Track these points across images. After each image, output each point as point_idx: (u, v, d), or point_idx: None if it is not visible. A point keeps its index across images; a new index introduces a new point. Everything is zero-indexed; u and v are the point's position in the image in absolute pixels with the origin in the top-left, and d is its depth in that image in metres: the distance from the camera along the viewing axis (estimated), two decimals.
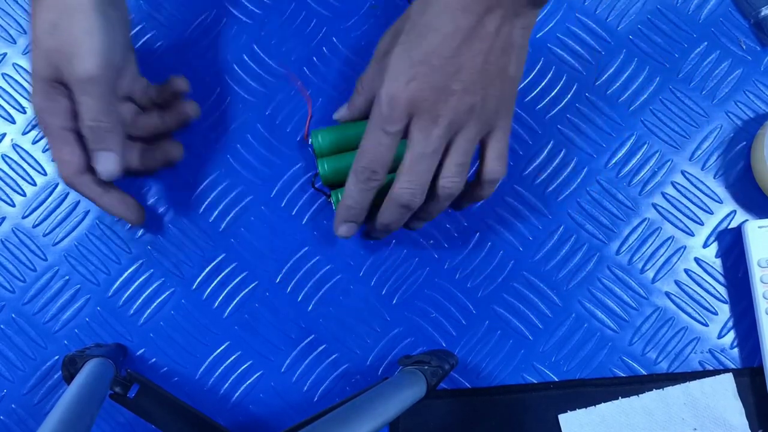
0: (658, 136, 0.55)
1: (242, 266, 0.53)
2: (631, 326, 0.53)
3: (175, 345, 0.52)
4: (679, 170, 0.55)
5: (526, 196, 0.54)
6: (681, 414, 0.51)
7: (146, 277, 0.53)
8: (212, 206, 0.54)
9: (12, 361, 0.52)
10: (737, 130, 0.55)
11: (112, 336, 0.52)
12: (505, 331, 0.53)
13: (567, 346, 0.53)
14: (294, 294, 0.53)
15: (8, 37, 0.56)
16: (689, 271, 0.54)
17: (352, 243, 0.53)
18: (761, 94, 0.56)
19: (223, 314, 0.53)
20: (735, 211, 0.54)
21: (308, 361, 0.52)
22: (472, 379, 0.52)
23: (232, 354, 0.52)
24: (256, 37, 0.56)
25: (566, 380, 0.52)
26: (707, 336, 0.53)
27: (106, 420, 0.51)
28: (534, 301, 0.53)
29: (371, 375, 0.52)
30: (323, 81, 0.55)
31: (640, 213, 0.54)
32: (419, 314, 0.53)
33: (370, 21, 0.56)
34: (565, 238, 0.54)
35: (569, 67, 0.56)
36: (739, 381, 0.52)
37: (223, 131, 0.55)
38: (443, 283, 0.53)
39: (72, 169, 0.45)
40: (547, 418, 0.52)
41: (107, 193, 0.47)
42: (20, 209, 0.54)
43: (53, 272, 0.53)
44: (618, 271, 0.53)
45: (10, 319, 0.53)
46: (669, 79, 0.56)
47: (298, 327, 0.53)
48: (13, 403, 0.52)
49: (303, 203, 0.54)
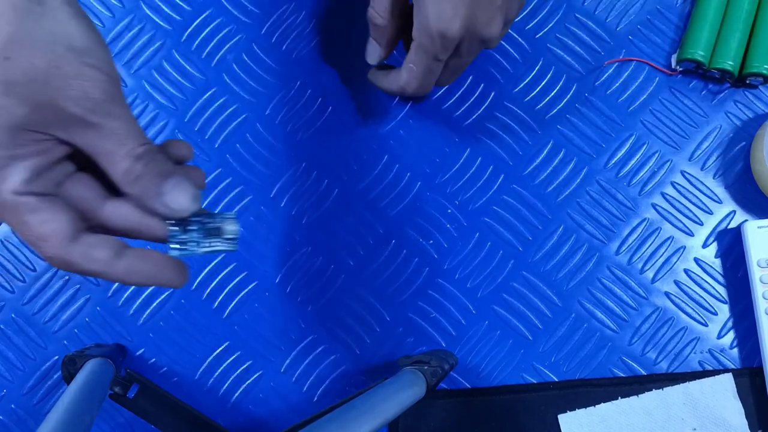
0: (658, 136, 0.55)
1: (242, 266, 0.53)
2: (631, 326, 0.53)
3: (174, 345, 0.52)
4: (679, 170, 0.55)
5: (526, 196, 0.54)
6: (680, 414, 0.51)
7: None
8: (212, 206, 0.54)
9: (12, 361, 0.52)
10: (736, 131, 0.55)
11: (112, 336, 0.52)
12: (504, 331, 0.53)
13: (567, 346, 0.53)
14: (294, 294, 0.53)
15: None
16: (689, 272, 0.54)
17: (352, 243, 0.53)
18: (761, 94, 0.56)
19: (223, 314, 0.53)
20: (734, 212, 0.54)
21: (308, 361, 0.52)
22: (472, 379, 0.52)
23: (232, 354, 0.52)
24: (256, 37, 0.56)
25: (566, 380, 0.52)
26: (707, 336, 0.53)
27: (106, 420, 0.51)
28: (534, 301, 0.53)
29: (371, 375, 0.52)
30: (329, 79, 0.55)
31: (640, 213, 0.54)
32: (419, 314, 0.53)
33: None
34: (564, 238, 0.54)
35: (569, 67, 0.56)
36: (739, 381, 0.52)
37: (223, 131, 0.55)
38: (443, 283, 0.53)
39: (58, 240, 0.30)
40: (547, 418, 0.52)
41: (120, 258, 0.31)
42: None
43: (53, 272, 0.53)
44: (617, 271, 0.53)
45: (10, 319, 0.53)
46: (669, 79, 0.56)
47: (298, 327, 0.53)
48: (12, 404, 0.52)
49: (305, 205, 0.54)
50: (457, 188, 0.54)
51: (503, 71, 0.56)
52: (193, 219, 0.32)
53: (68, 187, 0.31)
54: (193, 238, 0.32)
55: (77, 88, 0.28)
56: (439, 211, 0.54)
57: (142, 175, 0.30)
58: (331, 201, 0.54)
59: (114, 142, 0.29)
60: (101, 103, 0.29)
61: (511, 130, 0.55)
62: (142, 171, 0.30)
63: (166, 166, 0.31)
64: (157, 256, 0.31)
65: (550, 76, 0.56)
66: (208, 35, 0.56)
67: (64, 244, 0.30)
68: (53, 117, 0.28)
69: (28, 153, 0.29)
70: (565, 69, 0.56)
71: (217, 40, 0.56)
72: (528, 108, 0.55)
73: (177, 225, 0.32)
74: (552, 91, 0.56)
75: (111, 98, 0.29)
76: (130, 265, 0.31)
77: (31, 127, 0.28)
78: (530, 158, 0.55)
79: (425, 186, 0.54)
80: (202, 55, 0.56)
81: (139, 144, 0.30)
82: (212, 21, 0.56)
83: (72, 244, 0.30)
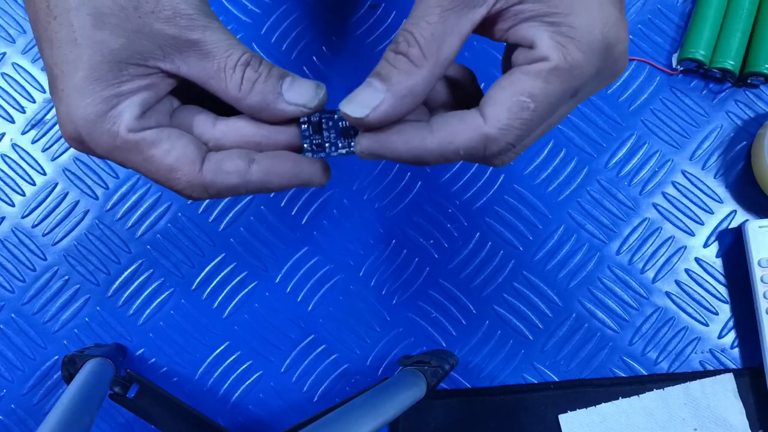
0: (659, 135, 0.55)
1: (242, 266, 0.53)
2: (632, 326, 0.53)
3: (174, 345, 0.52)
4: (680, 170, 0.55)
5: (526, 195, 0.54)
6: (681, 414, 0.51)
7: (146, 277, 0.53)
8: (212, 206, 0.54)
9: (11, 361, 0.52)
10: (737, 130, 0.55)
11: (112, 336, 0.52)
12: (505, 331, 0.53)
13: (567, 346, 0.52)
14: (294, 294, 0.53)
15: (8, 36, 0.56)
16: (690, 271, 0.53)
17: (352, 243, 0.53)
18: (762, 93, 0.55)
19: (223, 314, 0.53)
20: (735, 211, 0.54)
21: (308, 361, 0.52)
22: (472, 379, 0.52)
23: (232, 354, 0.52)
24: (256, 36, 0.56)
25: (566, 380, 0.52)
26: (708, 336, 0.53)
27: (106, 420, 0.51)
28: (534, 301, 0.53)
29: (371, 375, 0.52)
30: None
31: (641, 213, 0.54)
32: (419, 314, 0.53)
33: (369, 20, 0.56)
34: (565, 238, 0.54)
35: None
36: (740, 381, 0.52)
37: None
38: (443, 283, 0.53)
39: (187, 166, 0.28)
40: (548, 418, 0.51)
41: (255, 163, 0.29)
42: (19, 209, 0.54)
43: (53, 272, 0.53)
44: (618, 270, 0.53)
45: (10, 319, 0.52)
46: (669, 78, 0.56)
47: (298, 327, 0.53)
48: (12, 403, 0.52)
49: (303, 203, 0.54)
50: (458, 188, 0.54)
51: None
52: (323, 117, 0.29)
53: (178, 117, 0.30)
54: (329, 139, 0.29)
55: (168, 7, 0.27)
56: (440, 211, 0.54)
57: (259, 80, 0.28)
58: (331, 201, 0.54)
59: (220, 56, 0.28)
60: (195, 18, 0.27)
61: None
62: (257, 76, 0.28)
63: (276, 69, 0.29)
64: (292, 155, 0.29)
65: None
66: None
67: (194, 168, 0.28)
68: (152, 44, 0.27)
69: (135, 88, 0.27)
70: None
71: None
72: None
73: (307, 126, 0.29)
74: None
75: (203, 12, 0.28)
76: (268, 167, 0.29)
77: (132, 60, 0.27)
78: (531, 158, 0.55)
79: (426, 186, 0.54)
80: None
81: (243, 51, 0.28)
82: None
83: (201, 165, 0.28)
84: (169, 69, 0.28)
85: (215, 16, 0.29)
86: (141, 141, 0.27)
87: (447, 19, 0.26)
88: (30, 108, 0.55)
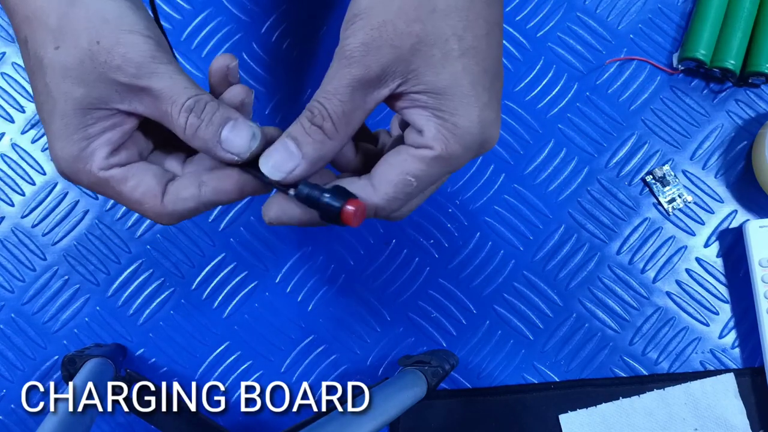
0: (659, 135, 0.55)
1: (242, 266, 0.53)
2: (632, 326, 0.53)
3: (174, 345, 0.52)
4: (680, 169, 0.55)
5: (527, 195, 0.54)
6: (682, 414, 0.51)
7: (146, 276, 0.53)
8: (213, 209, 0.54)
9: (11, 361, 0.52)
10: (738, 130, 0.55)
11: (112, 336, 0.52)
12: (505, 331, 0.53)
13: (568, 346, 0.52)
14: (294, 294, 0.53)
15: (7, 36, 0.56)
16: (690, 271, 0.53)
17: (352, 243, 0.53)
18: (762, 93, 0.55)
19: (223, 314, 0.53)
20: (736, 211, 0.54)
21: (308, 361, 0.52)
22: (473, 379, 0.52)
23: (232, 354, 0.52)
24: (256, 35, 0.56)
25: (567, 380, 0.52)
26: (708, 336, 0.53)
27: (106, 420, 0.51)
28: (535, 300, 0.53)
29: (371, 375, 0.52)
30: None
31: (641, 212, 0.54)
32: (420, 314, 0.53)
33: None
34: (565, 238, 0.54)
35: (570, 66, 0.56)
36: (740, 381, 0.52)
37: None
38: (444, 283, 0.53)
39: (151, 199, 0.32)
40: (548, 418, 0.51)
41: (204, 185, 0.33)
42: (19, 209, 0.54)
43: (52, 272, 0.53)
44: (619, 270, 0.53)
45: (10, 319, 0.52)
46: (670, 78, 0.56)
47: (298, 327, 0.53)
48: (12, 404, 0.52)
49: None
50: (458, 187, 0.54)
51: (504, 70, 0.55)
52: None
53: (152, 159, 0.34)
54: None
55: (118, 57, 0.29)
56: (440, 211, 0.54)
57: (201, 127, 0.31)
58: None
59: (166, 102, 0.30)
60: (144, 65, 0.30)
61: (512, 129, 0.55)
62: (199, 123, 0.31)
63: (220, 112, 0.31)
64: (235, 174, 0.32)
65: (551, 75, 0.56)
66: (208, 34, 0.56)
67: (157, 201, 0.32)
68: (109, 90, 0.30)
69: (101, 129, 0.31)
70: (566, 68, 0.56)
71: (217, 39, 0.56)
72: (529, 107, 0.55)
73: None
74: (553, 90, 0.55)
75: (151, 58, 0.30)
76: (215, 188, 0.32)
77: (94, 105, 0.30)
78: (531, 157, 0.55)
79: None
80: (202, 54, 0.56)
81: (188, 97, 0.31)
82: (212, 20, 0.56)
83: (163, 197, 0.32)
84: (128, 109, 0.31)
85: (170, 58, 0.31)
86: (110, 178, 0.31)
87: (356, 98, 0.30)
88: (30, 108, 0.55)
